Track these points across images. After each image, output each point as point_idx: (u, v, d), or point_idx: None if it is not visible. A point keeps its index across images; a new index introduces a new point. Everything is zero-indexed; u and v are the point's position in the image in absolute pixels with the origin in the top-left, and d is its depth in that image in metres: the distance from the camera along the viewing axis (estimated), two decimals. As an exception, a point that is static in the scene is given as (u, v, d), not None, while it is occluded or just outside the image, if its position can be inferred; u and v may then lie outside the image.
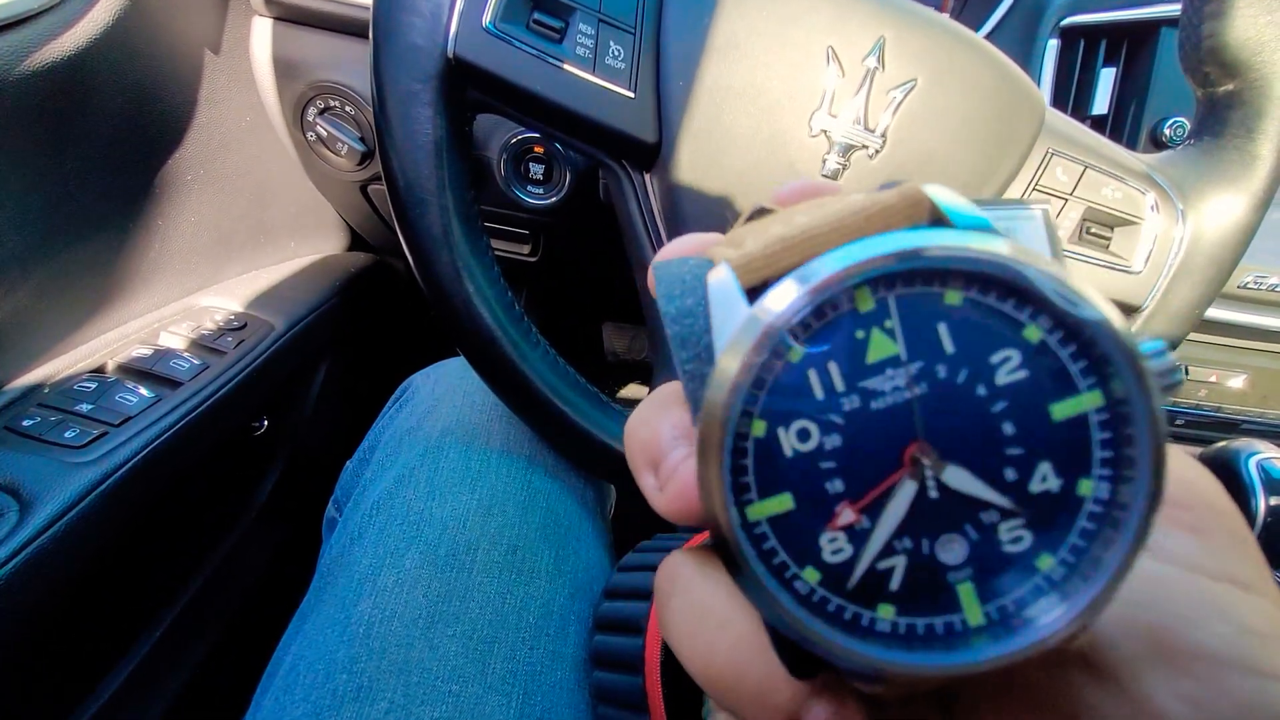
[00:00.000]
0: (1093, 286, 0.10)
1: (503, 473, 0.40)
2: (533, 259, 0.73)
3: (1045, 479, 0.11)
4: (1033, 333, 0.10)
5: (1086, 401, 0.10)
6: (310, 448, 0.70)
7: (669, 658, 0.30)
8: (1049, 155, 0.36)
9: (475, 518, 0.37)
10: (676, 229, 0.36)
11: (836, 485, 0.11)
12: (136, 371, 0.50)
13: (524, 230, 0.69)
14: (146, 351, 0.51)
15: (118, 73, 0.47)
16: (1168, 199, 0.37)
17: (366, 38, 0.34)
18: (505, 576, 0.35)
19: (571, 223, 0.66)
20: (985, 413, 0.10)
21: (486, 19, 0.32)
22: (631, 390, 1.18)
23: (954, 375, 0.10)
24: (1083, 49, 0.59)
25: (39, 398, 0.45)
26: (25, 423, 0.43)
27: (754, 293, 0.11)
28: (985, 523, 0.11)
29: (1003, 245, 0.10)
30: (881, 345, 0.10)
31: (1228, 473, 0.55)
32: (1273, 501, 0.52)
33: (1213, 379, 0.64)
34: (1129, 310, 0.39)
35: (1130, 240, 0.38)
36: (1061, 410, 0.10)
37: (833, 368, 0.11)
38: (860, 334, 0.10)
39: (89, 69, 0.44)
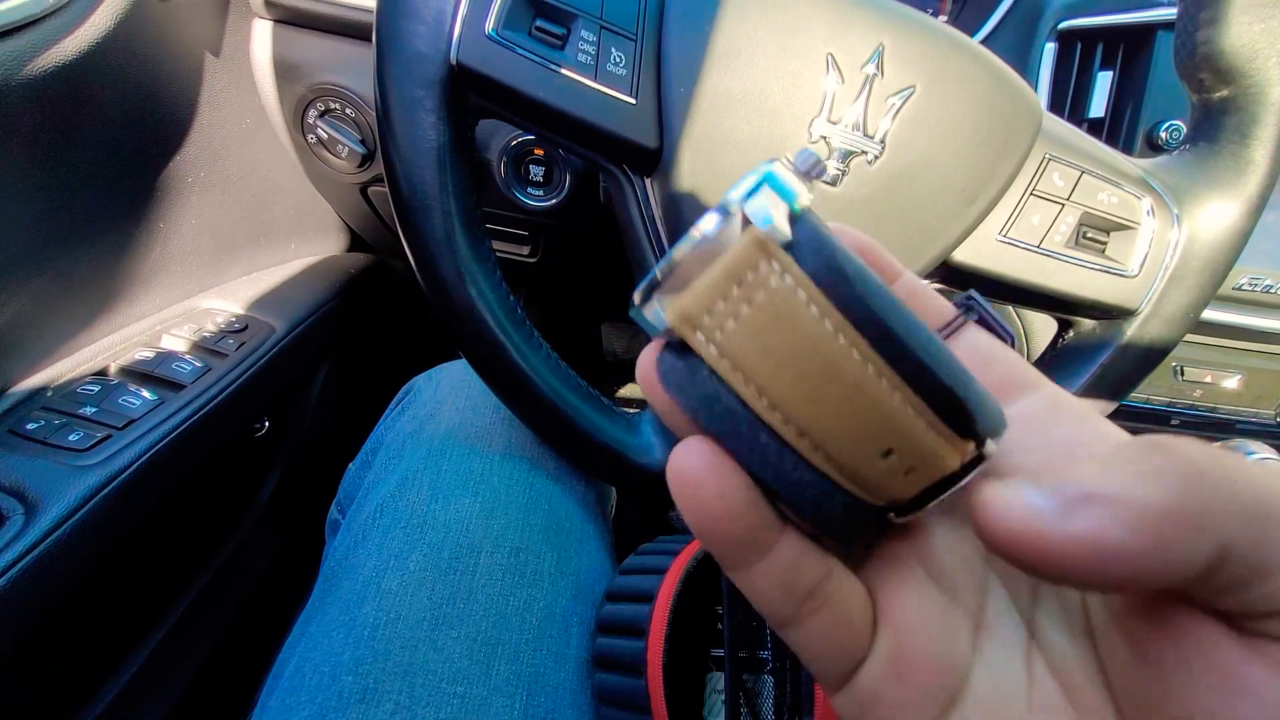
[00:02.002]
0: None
1: (505, 475, 0.40)
2: (532, 260, 0.73)
3: None
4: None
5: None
6: (312, 449, 0.70)
7: (671, 660, 0.31)
8: (1046, 160, 0.37)
9: (478, 520, 0.37)
10: (677, 233, 0.36)
11: None
12: (139, 374, 0.50)
13: (523, 231, 0.70)
14: (149, 354, 0.51)
15: (119, 76, 0.47)
16: (1163, 204, 0.37)
17: (367, 40, 0.34)
18: (508, 579, 0.35)
19: (571, 224, 0.66)
20: None
21: (489, 26, 0.32)
22: (631, 390, 1.19)
23: None
24: (1079, 52, 0.59)
25: (43, 401, 0.45)
26: (29, 426, 0.43)
27: None
28: None
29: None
30: None
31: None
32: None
33: (1207, 379, 0.65)
34: (1125, 314, 0.39)
35: (1126, 244, 0.38)
36: None
37: None
38: None
39: (91, 73, 0.44)
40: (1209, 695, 0.13)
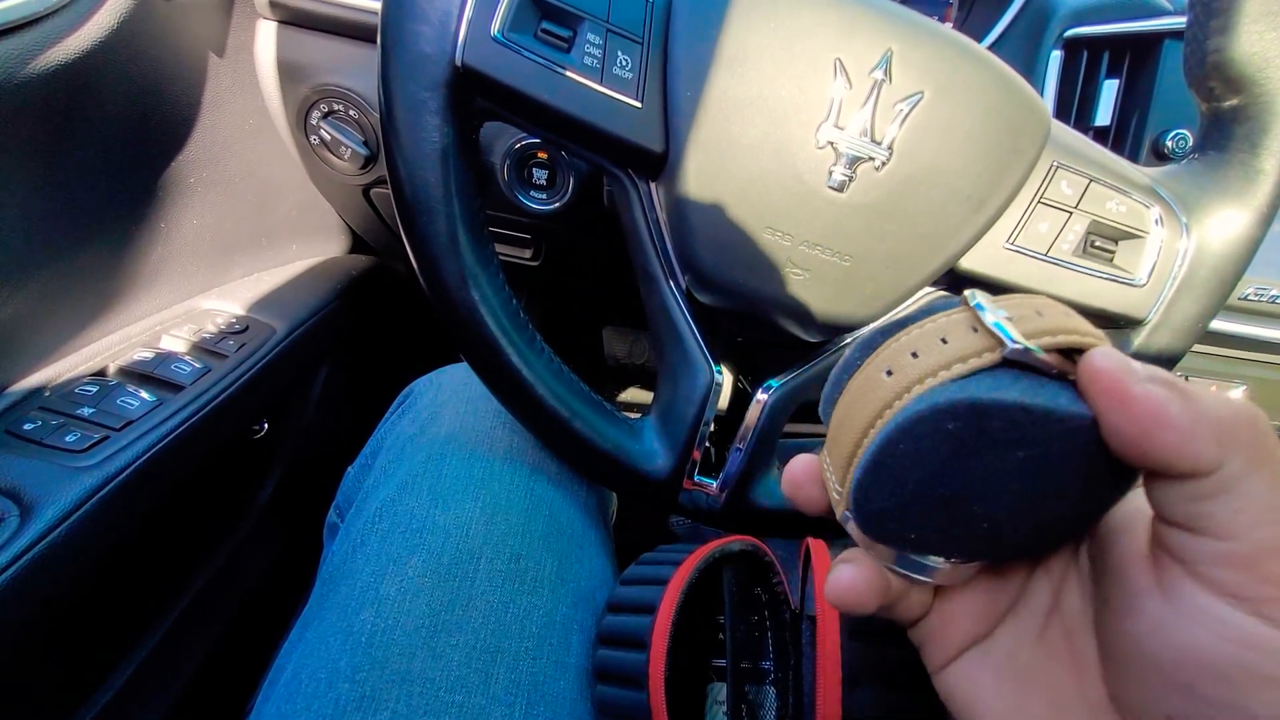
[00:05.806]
0: None
1: (506, 480, 0.40)
2: (534, 263, 0.73)
3: None
4: None
5: None
6: (311, 451, 0.70)
7: (673, 673, 0.30)
8: (1054, 168, 0.36)
9: (478, 526, 0.37)
10: (682, 237, 0.36)
11: None
12: (138, 375, 0.50)
13: (526, 235, 0.69)
14: (148, 355, 0.51)
15: (122, 76, 0.47)
16: (1171, 213, 0.37)
17: (371, 42, 0.34)
18: (508, 586, 0.35)
19: (574, 228, 0.66)
20: None
21: (495, 28, 0.32)
22: (631, 394, 1.18)
23: None
24: (1086, 60, 0.59)
25: (40, 401, 0.45)
26: (26, 426, 0.42)
27: None
28: None
29: None
30: None
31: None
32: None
33: (1212, 390, 0.65)
34: (1133, 323, 0.39)
35: (1134, 253, 0.38)
36: None
37: None
38: None
39: (93, 72, 0.44)
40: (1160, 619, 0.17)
